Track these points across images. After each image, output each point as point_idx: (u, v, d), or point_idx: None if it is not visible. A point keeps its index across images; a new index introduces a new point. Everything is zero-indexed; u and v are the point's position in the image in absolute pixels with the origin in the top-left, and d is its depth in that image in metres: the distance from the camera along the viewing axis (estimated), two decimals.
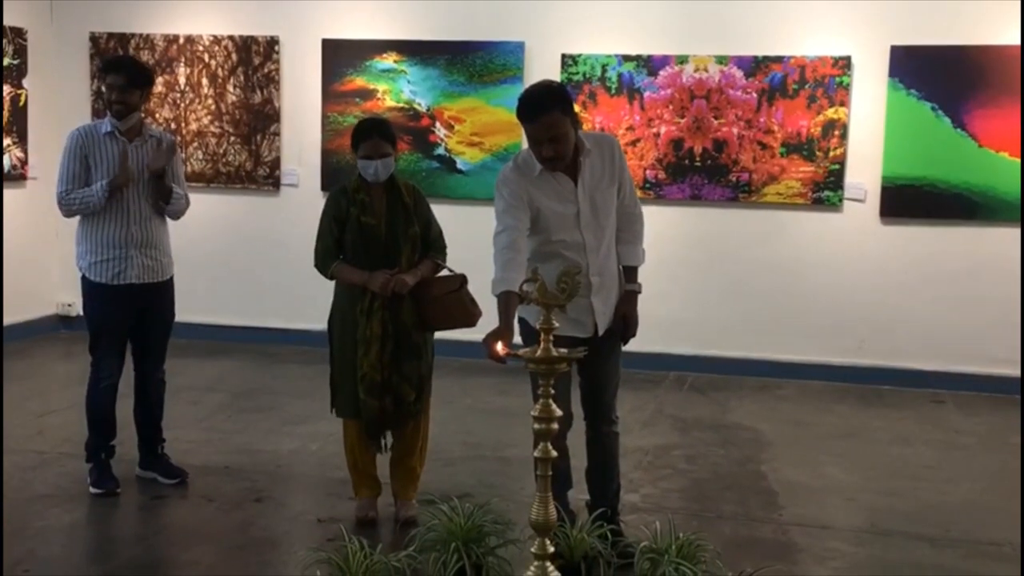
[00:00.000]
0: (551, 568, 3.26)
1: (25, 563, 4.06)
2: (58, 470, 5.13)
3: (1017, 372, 6.84)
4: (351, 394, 4.43)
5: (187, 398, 6.26)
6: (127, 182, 4.78)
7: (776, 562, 4.12)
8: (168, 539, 4.51)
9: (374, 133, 4.43)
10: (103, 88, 4.86)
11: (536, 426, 3.21)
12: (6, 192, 7.77)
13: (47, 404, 6.30)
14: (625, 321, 4.15)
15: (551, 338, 3.18)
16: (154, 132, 4.99)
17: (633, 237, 4.19)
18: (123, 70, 4.86)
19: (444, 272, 4.55)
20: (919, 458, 5.71)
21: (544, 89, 3.97)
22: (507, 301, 3.74)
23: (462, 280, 4.48)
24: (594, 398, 4.21)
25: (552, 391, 3.20)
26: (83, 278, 4.90)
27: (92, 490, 4.83)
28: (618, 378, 4.26)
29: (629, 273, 4.20)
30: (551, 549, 3.27)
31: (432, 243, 4.54)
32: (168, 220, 5.02)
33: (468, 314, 4.45)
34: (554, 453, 3.22)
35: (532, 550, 3.25)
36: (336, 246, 4.46)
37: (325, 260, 4.47)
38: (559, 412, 3.21)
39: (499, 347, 3.42)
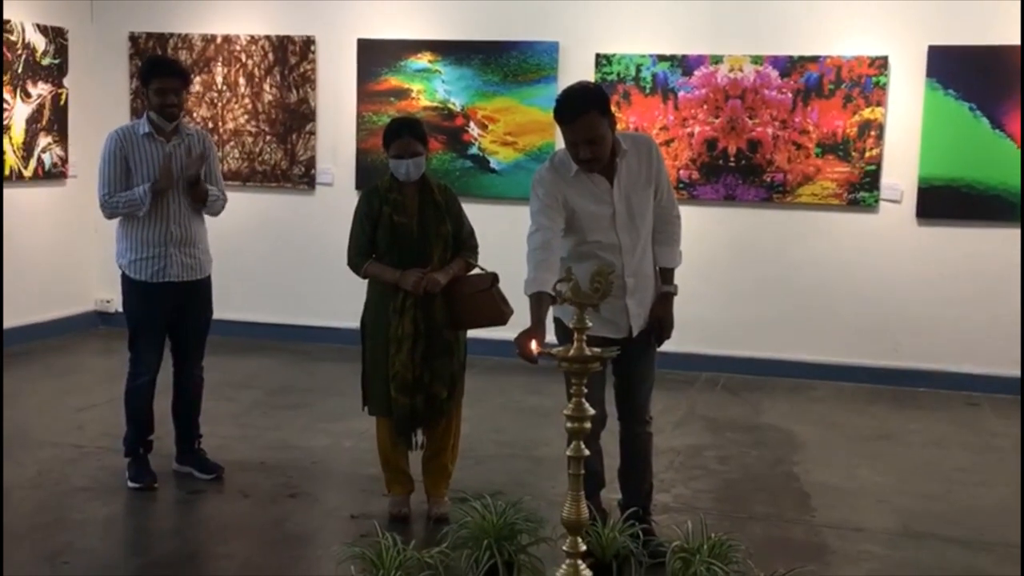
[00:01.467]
0: (583, 566, 3.27)
1: (64, 555, 4.13)
2: (96, 464, 5.21)
3: None
4: (383, 392, 4.46)
5: (223, 395, 6.32)
6: (170, 187, 4.83)
7: (808, 563, 4.10)
8: (204, 533, 4.57)
9: (405, 132, 4.45)
10: (149, 91, 4.88)
11: (569, 425, 3.22)
12: (47, 190, 7.92)
13: (86, 399, 6.39)
14: (660, 323, 4.15)
15: (584, 337, 3.20)
16: (191, 131, 5.05)
17: (670, 239, 4.18)
18: (178, 73, 4.93)
19: (476, 271, 4.57)
20: (953, 461, 5.67)
21: (582, 90, 3.96)
22: (539, 301, 3.75)
23: (493, 279, 4.50)
24: (628, 398, 4.22)
25: (585, 390, 3.22)
26: (123, 275, 4.96)
27: (130, 484, 4.89)
28: (652, 379, 4.26)
29: (665, 275, 4.20)
30: (583, 547, 3.28)
31: (463, 242, 4.57)
32: (206, 218, 5.08)
33: (499, 312, 4.46)
34: (587, 452, 3.24)
35: (564, 548, 3.26)
36: (369, 245, 4.50)
37: (358, 259, 4.51)
38: (592, 411, 3.23)
39: (532, 346, 3.44)
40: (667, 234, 4.17)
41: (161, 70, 4.91)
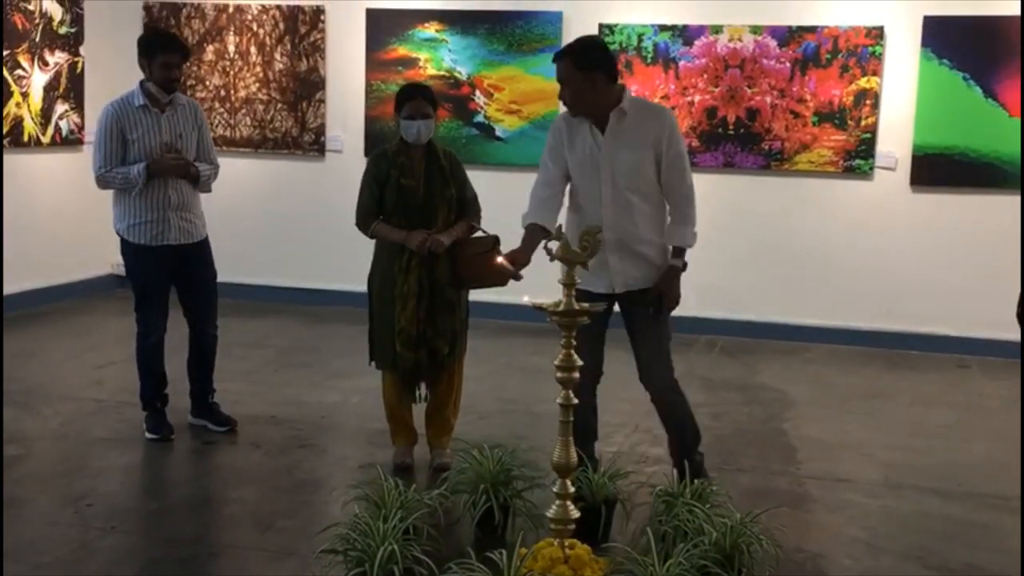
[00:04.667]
0: (571, 507, 3.51)
1: (88, 498, 4.37)
2: (116, 417, 5.44)
3: None
4: (388, 347, 4.69)
5: (236, 354, 6.52)
6: (165, 173, 5.01)
7: (790, 510, 4.33)
8: (218, 480, 4.82)
9: (417, 94, 4.68)
10: (153, 64, 5.03)
11: (558, 374, 3.45)
12: (64, 156, 8.12)
13: (105, 357, 6.62)
14: (659, 294, 4.25)
15: (573, 292, 3.42)
16: (182, 100, 5.21)
17: (682, 219, 4.26)
18: (179, 48, 5.11)
19: (478, 234, 4.78)
20: (939, 418, 5.87)
21: (576, 41, 4.35)
22: (530, 233, 4.10)
23: (495, 241, 4.68)
24: (645, 367, 4.36)
25: (574, 342, 3.44)
26: (123, 240, 5.13)
27: (148, 435, 5.13)
28: (664, 347, 4.36)
29: (676, 252, 4.29)
30: (571, 489, 3.52)
31: (468, 206, 4.77)
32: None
33: (500, 275, 4.66)
34: (575, 400, 3.46)
35: (554, 490, 3.49)
36: (376, 206, 4.70)
37: (366, 219, 4.71)
38: (580, 362, 3.45)
39: (499, 259, 3.67)
40: (678, 213, 4.26)
41: (167, 46, 5.08)
